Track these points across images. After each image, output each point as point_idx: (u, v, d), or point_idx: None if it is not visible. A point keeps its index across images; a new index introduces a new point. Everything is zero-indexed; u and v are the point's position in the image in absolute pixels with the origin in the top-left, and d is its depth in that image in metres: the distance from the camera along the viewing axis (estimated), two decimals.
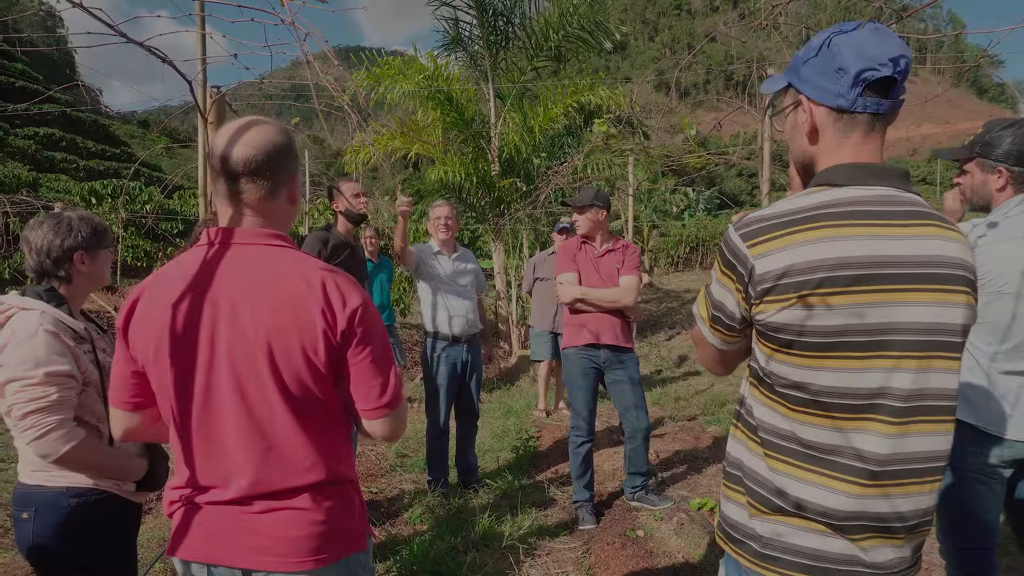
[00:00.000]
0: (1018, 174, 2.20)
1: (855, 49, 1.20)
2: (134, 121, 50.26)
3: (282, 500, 1.42)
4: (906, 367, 1.17)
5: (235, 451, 1.41)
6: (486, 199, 10.45)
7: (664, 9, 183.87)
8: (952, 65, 6.64)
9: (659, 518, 4.03)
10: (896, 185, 1.23)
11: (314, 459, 1.43)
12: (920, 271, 1.17)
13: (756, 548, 1.30)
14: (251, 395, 1.39)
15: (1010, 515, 2.43)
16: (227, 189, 1.44)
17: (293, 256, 1.45)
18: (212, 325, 1.39)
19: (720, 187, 35.97)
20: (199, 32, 3.42)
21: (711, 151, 10.16)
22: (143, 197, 12.74)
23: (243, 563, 1.43)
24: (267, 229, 1.47)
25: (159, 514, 4.34)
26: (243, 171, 1.42)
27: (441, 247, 4.56)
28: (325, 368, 1.40)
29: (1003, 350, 2.20)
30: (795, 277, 1.16)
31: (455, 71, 10.46)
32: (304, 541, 1.43)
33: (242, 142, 1.42)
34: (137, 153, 33.74)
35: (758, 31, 3.84)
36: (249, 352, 1.37)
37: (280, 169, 1.47)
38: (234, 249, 1.44)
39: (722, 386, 7.68)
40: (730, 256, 1.25)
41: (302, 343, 1.37)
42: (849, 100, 1.22)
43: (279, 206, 1.50)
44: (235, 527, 1.42)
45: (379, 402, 1.46)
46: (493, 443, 5.96)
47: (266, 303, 1.38)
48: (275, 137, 1.46)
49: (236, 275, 1.41)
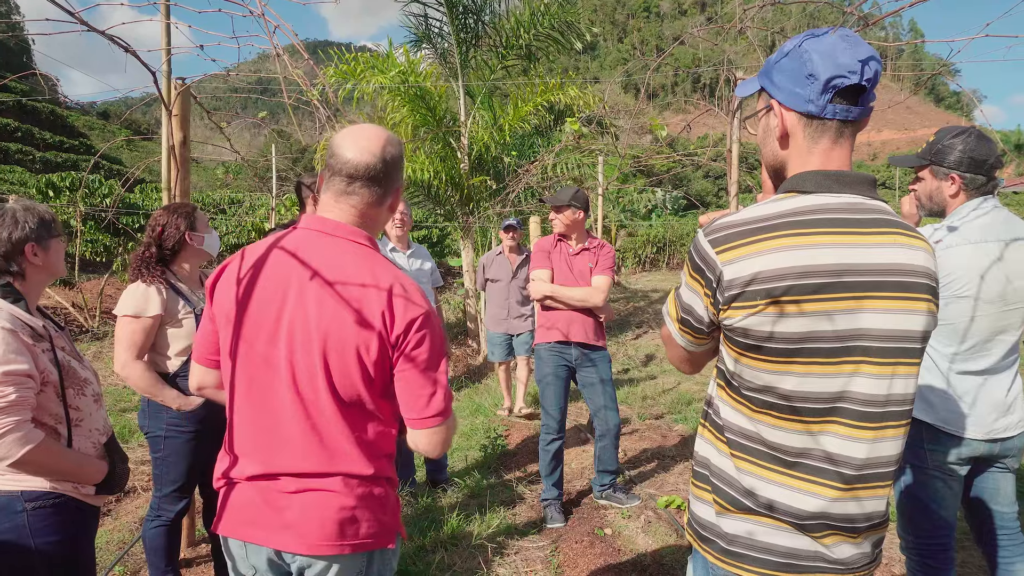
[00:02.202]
0: (970, 180, 2.26)
1: (826, 56, 1.21)
2: (93, 112, 48.93)
3: (315, 480, 1.47)
4: (866, 372, 1.20)
5: (285, 427, 1.47)
6: (455, 197, 10.41)
7: (633, 11, 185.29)
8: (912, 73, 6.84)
9: (627, 516, 4.07)
10: (862, 192, 1.25)
11: (353, 451, 1.48)
12: (885, 279, 1.19)
13: (723, 545, 1.32)
14: (301, 378, 1.45)
15: (967, 511, 2.51)
16: (341, 188, 1.51)
17: (373, 257, 1.50)
18: (281, 305, 1.47)
19: (687, 188, 36.41)
20: (163, 22, 3.34)
21: (679, 152, 10.27)
22: (103, 190, 12.38)
23: (272, 543, 1.48)
24: (357, 228, 1.53)
25: (118, 516, 4.24)
26: (362, 175, 1.50)
27: (396, 243, 4.53)
28: (374, 368, 1.45)
29: (961, 351, 2.27)
30: (763, 284, 1.17)
31: (425, 68, 10.38)
32: (329, 524, 1.46)
33: (364, 149, 1.49)
34: (97, 145, 32.84)
35: (724, 35, 3.89)
36: (307, 338, 1.44)
37: (394, 180, 1.56)
38: (321, 238, 1.51)
39: (689, 385, 7.78)
40: (699, 261, 1.27)
41: (357, 340, 1.42)
42: (819, 106, 1.23)
43: (380, 212, 1.58)
44: (267, 504, 1.48)
45: (423, 413, 1.49)
46: (461, 442, 5.94)
47: (334, 295, 1.43)
48: (394, 149, 1.54)
49: (316, 262, 1.47)
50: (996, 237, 2.22)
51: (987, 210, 2.25)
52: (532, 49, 10.59)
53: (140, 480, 4.75)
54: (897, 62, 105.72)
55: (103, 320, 10.45)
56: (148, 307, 2.73)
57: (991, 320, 2.23)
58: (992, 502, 2.41)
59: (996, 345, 2.26)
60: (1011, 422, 2.27)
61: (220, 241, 3.21)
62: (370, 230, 1.57)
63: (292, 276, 1.47)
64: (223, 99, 7.30)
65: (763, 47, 3.76)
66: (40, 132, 30.75)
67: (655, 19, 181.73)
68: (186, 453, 2.89)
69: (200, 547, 3.72)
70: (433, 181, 9.94)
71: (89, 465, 1.99)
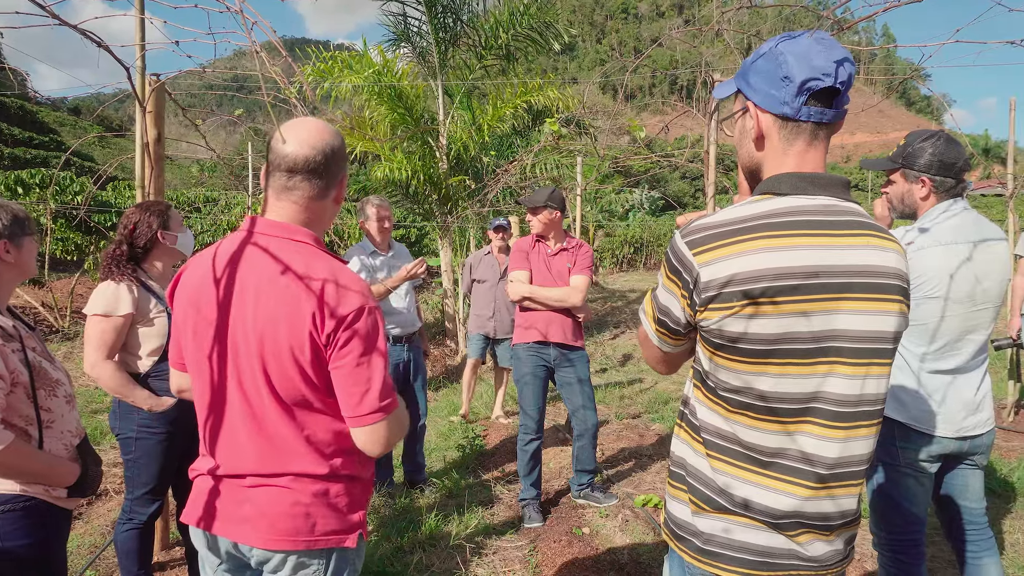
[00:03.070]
0: (939, 183, 2.31)
1: (801, 58, 1.23)
2: (64, 108, 47.96)
3: (272, 479, 1.48)
4: (840, 372, 1.21)
5: (239, 431, 1.48)
6: (434, 196, 10.37)
7: (612, 12, 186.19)
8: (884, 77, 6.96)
9: (604, 515, 4.09)
10: (836, 195, 1.27)
11: (304, 450, 1.48)
12: (858, 280, 1.21)
13: (698, 544, 1.33)
14: (246, 383, 1.46)
15: (937, 507, 2.56)
16: (282, 183, 1.50)
17: (312, 255, 1.48)
18: (226, 310, 1.47)
19: (664, 189, 36.68)
20: (138, 16, 3.29)
21: (657, 153, 10.34)
22: (74, 188, 12.12)
23: (231, 534, 1.49)
24: (298, 226, 1.52)
25: (90, 519, 4.17)
26: (302, 168, 1.48)
27: (378, 246, 4.51)
28: (312, 368, 1.44)
29: (931, 351, 2.31)
30: (739, 286, 1.18)
31: (403, 67, 10.33)
32: (284, 519, 1.46)
33: (303, 141, 1.48)
34: (68, 142, 32.23)
35: (701, 37, 3.92)
36: (247, 343, 1.44)
37: (335, 171, 1.54)
38: (262, 239, 1.50)
39: (665, 384, 7.84)
40: (676, 263, 1.27)
41: (290, 342, 1.41)
42: (794, 108, 1.25)
43: (325, 205, 1.56)
44: (228, 496, 1.51)
45: (357, 411, 1.46)
46: (439, 442, 5.93)
47: (269, 297, 1.43)
48: (333, 140, 1.52)
49: (255, 265, 1.47)
50: (966, 239, 2.27)
51: (957, 212, 2.30)
52: (511, 49, 10.60)
53: (112, 483, 4.67)
54: (870, 66, 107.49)
55: (74, 320, 10.26)
56: (119, 306, 2.69)
57: (960, 320, 2.28)
58: (961, 498, 2.46)
59: (966, 345, 2.31)
60: (980, 420, 2.32)
61: (195, 240, 3.17)
62: (316, 225, 1.56)
63: (235, 281, 1.48)
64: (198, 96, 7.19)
65: (739, 49, 3.80)
66: (9, 128, 30.11)
67: (633, 20, 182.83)
68: (158, 454, 2.84)
69: (174, 550, 3.67)
70: (412, 181, 9.89)
71: (61, 467, 1.96)
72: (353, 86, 9.50)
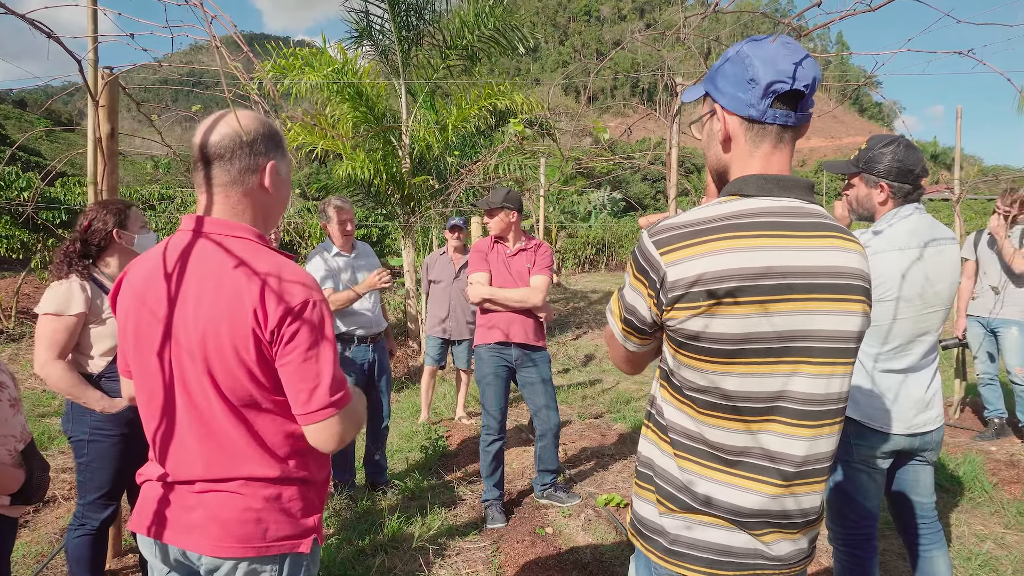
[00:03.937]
0: (897, 189, 2.38)
1: (767, 61, 1.24)
2: (9, 100, 46.23)
3: (222, 483, 1.44)
4: (805, 372, 1.23)
5: (184, 435, 1.44)
6: (396, 196, 10.29)
7: (575, 14, 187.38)
8: (839, 84, 7.20)
9: (567, 515, 4.10)
10: (801, 197, 1.29)
11: (254, 453, 1.43)
12: (822, 281, 1.23)
13: (665, 544, 1.34)
14: (192, 386, 1.41)
15: (889, 502, 2.64)
16: (201, 175, 1.46)
17: (254, 250, 1.43)
18: (168, 314, 1.42)
19: (626, 190, 37.07)
20: (90, 7, 3.19)
21: (619, 155, 10.43)
22: (20, 183, 11.69)
23: (180, 542, 1.44)
24: (235, 220, 1.47)
25: (37, 527, 4.02)
26: (214, 155, 1.44)
27: (341, 247, 4.45)
28: (259, 367, 1.39)
29: (884, 351, 2.38)
30: (706, 285, 1.19)
31: (365, 65, 10.22)
32: (234, 525, 1.42)
33: (210, 130, 1.45)
34: (13, 136, 31.06)
35: (662, 41, 3.97)
36: (190, 345, 1.39)
37: (248, 153, 1.46)
38: (198, 238, 1.45)
39: (627, 384, 7.91)
40: (643, 262, 1.28)
41: (234, 342, 1.37)
42: (760, 111, 1.27)
43: (249, 192, 1.49)
44: (175, 503, 1.46)
45: (306, 408, 1.41)
46: (402, 444, 5.88)
47: (209, 297, 1.38)
48: (250, 124, 1.47)
49: (193, 266, 1.42)
50: (919, 242, 2.34)
51: (910, 214, 2.37)
52: (475, 50, 10.57)
53: (61, 489, 4.51)
54: (825, 73, 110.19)
55: (20, 320, 9.89)
56: (71, 305, 2.60)
57: (912, 322, 2.34)
58: (912, 493, 2.54)
59: (917, 345, 2.38)
60: (930, 417, 2.39)
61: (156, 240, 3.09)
62: (257, 220, 1.51)
63: (174, 283, 1.43)
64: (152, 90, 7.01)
65: (700, 53, 3.85)
66: None
67: (595, 23, 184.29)
68: (112, 457, 2.76)
69: (127, 557, 3.56)
70: (374, 180, 9.80)
71: (4, 474, 1.88)
72: (312, 84, 9.37)
